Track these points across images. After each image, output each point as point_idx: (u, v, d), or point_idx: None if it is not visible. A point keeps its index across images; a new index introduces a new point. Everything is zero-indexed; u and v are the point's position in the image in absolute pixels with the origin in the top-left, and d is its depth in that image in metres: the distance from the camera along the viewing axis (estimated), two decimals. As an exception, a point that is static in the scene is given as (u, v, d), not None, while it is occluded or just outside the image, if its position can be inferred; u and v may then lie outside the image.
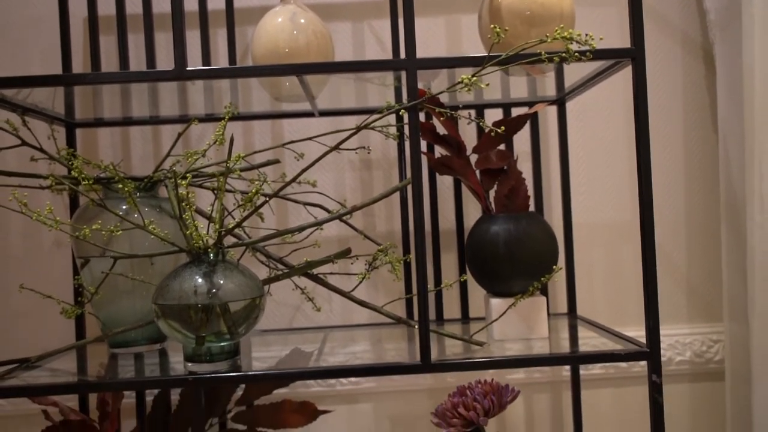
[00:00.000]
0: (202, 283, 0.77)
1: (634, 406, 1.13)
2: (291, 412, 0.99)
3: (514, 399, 0.87)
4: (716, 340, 1.13)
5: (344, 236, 1.10)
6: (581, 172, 1.14)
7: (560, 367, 1.12)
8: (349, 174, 1.13)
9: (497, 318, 0.85)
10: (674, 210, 1.14)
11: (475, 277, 0.91)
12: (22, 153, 0.92)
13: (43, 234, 1.11)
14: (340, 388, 1.11)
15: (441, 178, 1.10)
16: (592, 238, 1.13)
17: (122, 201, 0.88)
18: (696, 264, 1.14)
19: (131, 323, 0.88)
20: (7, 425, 1.10)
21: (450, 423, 0.85)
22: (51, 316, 1.09)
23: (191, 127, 1.09)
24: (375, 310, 0.89)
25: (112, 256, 0.85)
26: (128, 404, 1.06)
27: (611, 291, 1.13)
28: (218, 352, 0.80)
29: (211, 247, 0.79)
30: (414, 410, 1.12)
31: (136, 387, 0.93)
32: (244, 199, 0.80)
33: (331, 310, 1.12)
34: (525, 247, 0.86)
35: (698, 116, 1.14)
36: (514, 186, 0.92)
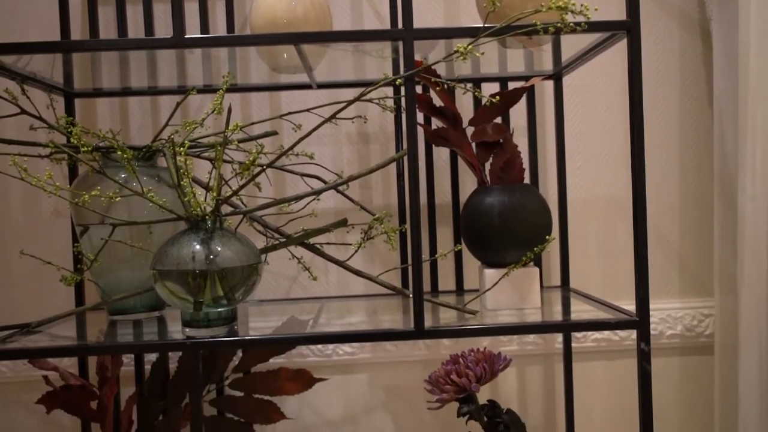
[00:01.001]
0: (199, 249, 0.78)
1: (625, 379, 1.15)
2: (287, 379, 1.01)
3: (506, 367, 0.89)
4: (707, 314, 1.14)
5: (341, 209, 1.11)
6: (577, 148, 1.15)
7: (552, 339, 1.14)
8: (347, 147, 1.14)
9: (490, 287, 0.86)
10: (668, 186, 1.15)
11: (470, 248, 0.93)
12: (21, 123, 0.93)
13: (43, 204, 1.12)
14: (336, 359, 1.13)
15: (437, 152, 1.11)
16: (587, 213, 1.15)
17: (121, 170, 0.89)
18: (688, 240, 1.15)
19: (130, 291, 0.89)
20: (8, 391, 1.12)
21: (443, 389, 0.87)
22: (50, 285, 1.10)
23: (189, 99, 1.10)
24: (370, 279, 0.91)
25: (111, 223, 0.86)
26: (127, 371, 1.08)
27: (605, 265, 1.15)
28: (216, 317, 0.81)
29: (208, 215, 0.80)
30: (408, 381, 1.14)
31: (134, 350, 0.94)
32: (242, 168, 0.81)
33: (328, 281, 1.14)
34: (519, 218, 0.87)
35: (694, 92, 1.15)
36: (510, 159, 0.93)
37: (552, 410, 1.15)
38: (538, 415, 1.15)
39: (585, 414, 1.14)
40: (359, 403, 1.14)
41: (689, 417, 1.16)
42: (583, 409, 1.14)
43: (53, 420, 1.12)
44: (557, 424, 1.15)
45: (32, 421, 1.12)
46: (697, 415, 1.16)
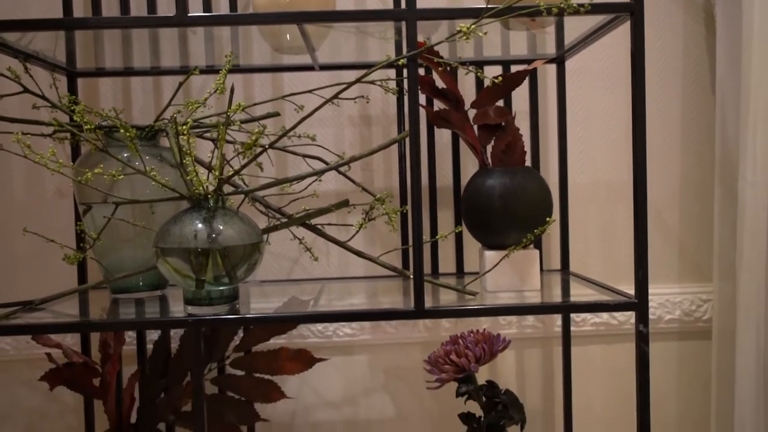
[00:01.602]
0: (202, 228, 0.79)
1: (623, 363, 1.16)
2: (288, 359, 1.01)
3: (505, 348, 0.89)
4: (705, 299, 1.15)
5: (342, 191, 1.12)
6: (578, 133, 1.15)
7: (551, 322, 1.14)
8: (349, 130, 1.14)
9: (490, 269, 0.87)
10: (669, 171, 1.15)
11: (470, 230, 0.93)
12: (24, 102, 0.93)
13: (46, 184, 1.13)
14: (336, 340, 1.13)
15: (439, 135, 1.11)
16: (588, 198, 1.15)
17: (124, 149, 0.89)
18: (688, 225, 1.16)
19: (133, 271, 0.90)
20: (12, 369, 1.13)
21: (442, 369, 0.88)
22: (53, 264, 1.11)
23: (192, 80, 1.10)
24: (371, 260, 0.91)
25: (114, 202, 0.86)
26: (129, 350, 1.08)
27: (605, 250, 1.15)
28: (217, 296, 0.82)
29: (211, 194, 0.81)
30: (408, 362, 1.15)
31: (137, 327, 0.95)
32: (244, 147, 0.81)
33: (329, 263, 1.14)
34: (520, 201, 0.87)
35: (697, 78, 1.15)
36: (511, 142, 0.93)
37: (550, 392, 1.16)
38: (536, 397, 1.16)
39: (582, 397, 1.15)
40: (359, 384, 1.15)
41: (686, 400, 1.17)
42: (581, 392, 1.15)
43: (56, 397, 1.13)
44: (555, 407, 1.16)
45: (35, 399, 1.13)
46: (694, 399, 1.17)
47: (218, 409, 1.02)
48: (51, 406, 1.13)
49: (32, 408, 1.13)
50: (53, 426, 1.14)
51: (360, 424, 1.15)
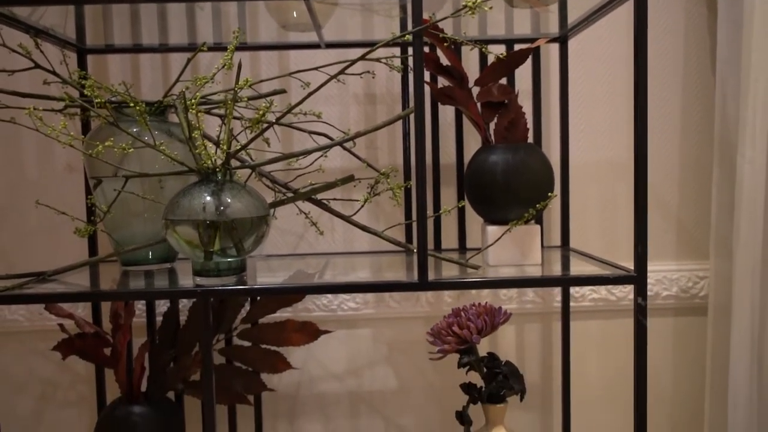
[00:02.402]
0: (210, 200, 0.80)
1: (620, 338, 1.18)
2: (293, 331, 1.04)
3: (506, 320, 0.92)
4: (702, 276, 1.17)
5: (347, 168, 1.13)
6: (580, 111, 1.16)
7: (551, 298, 1.17)
8: (354, 108, 1.16)
9: (492, 243, 0.89)
10: (668, 150, 1.17)
11: (473, 206, 0.95)
12: (35, 78, 0.94)
13: (56, 159, 1.15)
14: (340, 314, 1.16)
15: (443, 114, 1.13)
16: (588, 176, 1.17)
17: (133, 124, 0.91)
18: (686, 204, 1.18)
19: (142, 244, 0.92)
20: (25, 340, 1.16)
21: (444, 341, 0.90)
22: (64, 239, 1.13)
23: (200, 58, 1.12)
24: (375, 234, 0.93)
25: (124, 176, 0.88)
26: (139, 322, 1.11)
27: (604, 228, 1.17)
28: (225, 267, 0.84)
29: (219, 167, 0.83)
30: (410, 336, 1.17)
31: (146, 297, 0.97)
32: (252, 121, 0.83)
33: (333, 239, 1.16)
34: (522, 177, 0.89)
35: (698, 59, 1.16)
36: (514, 119, 0.94)
37: (548, 366, 1.19)
38: (535, 370, 1.19)
39: (580, 370, 1.18)
40: (363, 356, 1.18)
41: (681, 374, 1.19)
42: (579, 365, 1.17)
43: (68, 367, 1.16)
44: (553, 380, 1.19)
45: (48, 369, 1.16)
46: (688, 373, 1.19)
47: (226, 379, 1.05)
48: (63, 375, 1.16)
49: (45, 377, 1.16)
50: (65, 395, 1.17)
51: (363, 396, 1.18)
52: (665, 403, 1.19)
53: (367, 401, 1.18)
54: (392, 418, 1.19)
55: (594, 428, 1.19)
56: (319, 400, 1.18)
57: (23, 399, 1.17)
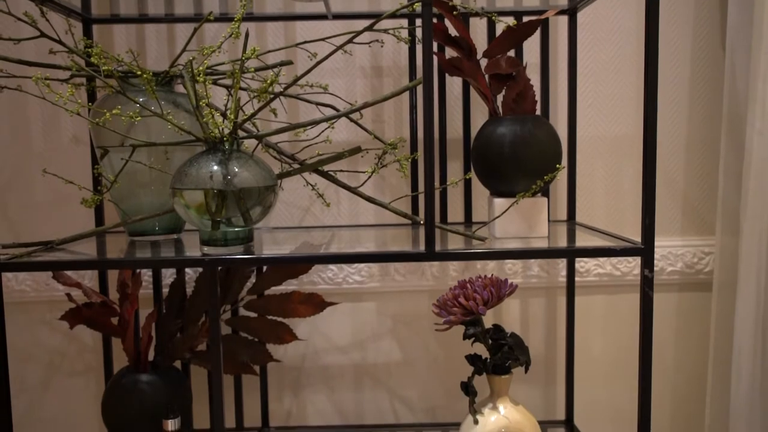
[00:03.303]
0: (217, 169, 0.80)
1: (624, 313, 1.19)
2: (299, 302, 1.04)
3: (512, 292, 0.92)
4: (707, 252, 1.17)
5: (353, 141, 1.13)
6: (588, 85, 1.16)
7: (556, 272, 1.17)
8: (360, 81, 1.15)
9: (499, 215, 0.89)
10: (676, 127, 1.16)
11: (480, 178, 0.95)
12: (40, 48, 0.94)
13: (62, 131, 1.14)
14: (345, 287, 1.16)
15: (450, 87, 1.12)
16: (594, 151, 1.16)
17: (139, 94, 0.91)
18: (693, 179, 1.17)
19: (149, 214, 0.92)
20: (32, 310, 1.16)
21: (450, 312, 0.90)
22: (70, 211, 1.14)
23: (206, 29, 1.11)
24: (382, 205, 0.93)
25: (131, 145, 0.88)
26: (145, 294, 1.12)
27: (609, 203, 1.17)
28: (233, 237, 0.84)
29: (226, 137, 0.82)
30: (415, 310, 1.18)
31: (153, 265, 0.97)
32: (260, 90, 0.82)
33: (339, 212, 1.16)
34: (530, 149, 0.89)
35: (707, 33, 1.15)
36: (522, 91, 0.94)
37: (552, 340, 1.19)
38: (539, 344, 1.19)
39: (584, 344, 1.18)
40: (367, 329, 1.19)
41: (684, 348, 1.20)
42: (583, 339, 1.18)
43: (75, 337, 1.17)
44: (557, 353, 1.19)
45: (55, 339, 1.17)
46: (691, 347, 1.20)
47: (232, 349, 1.06)
48: (70, 345, 1.17)
49: (52, 348, 1.17)
50: (73, 364, 1.18)
51: (368, 368, 1.19)
52: (668, 378, 1.20)
53: (371, 373, 1.19)
54: (396, 390, 1.20)
55: (597, 402, 1.20)
56: (323, 372, 1.19)
57: (31, 368, 1.18)
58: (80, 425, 1.19)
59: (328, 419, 1.20)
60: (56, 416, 1.19)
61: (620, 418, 1.20)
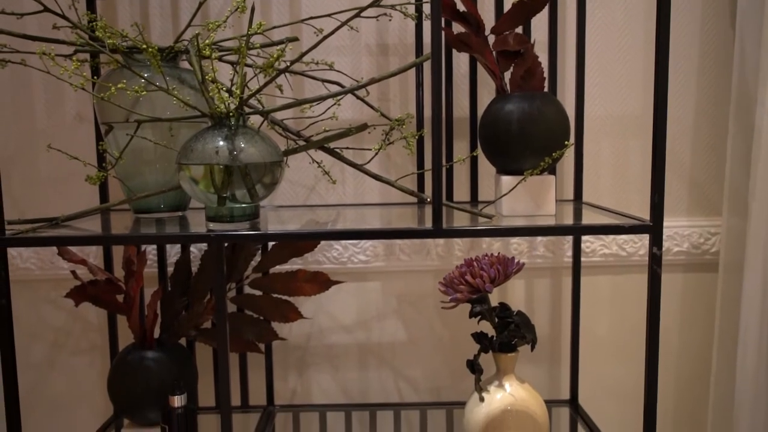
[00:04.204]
0: (223, 145, 0.80)
1: (629, 293, 1.19)
2: (305, 281, 1.04)
3: (519, 270, 0.92)
4: (714, 233, 1.17)
5: (359, 120, 1.12)
6: (595, 64, 1.14)
7: (561, 252, 1.17)
8: (366, 59, 1.14)
9: (507, 193, 0.88)
10: (684, 107, 1.15)
11: (487, 156, 0.94)
12: (43, 23, 0.92)
13: (66, 108, 1.13)
14: (350, 266, 1.16)
15: (456, 65, 1.11)
16: (601, 131, 1.16)
17: (144, 69, 0.90)
18: (700, 160, 1.17)
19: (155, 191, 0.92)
20: (37, 288, 1.16)
21: (457, 290, 0.90)
22: (74, 188, 1.13)
23: (209, 6, 1.10)
24: (388, 183, 0.93)
25: (136, 120, 0.87)
26: (150, 273, 1.12)
27: (616, 183, 1.17)
28: (240, 213, 0.84)
29: (232, 112, 0.82)
30: (420, 289, 1.18)
31: (159, 241, 0.96)
32: (266, 64, 0.82)
33: (344, 191, 1.16)
34: (538, 126, 0.88)
35: (716, 13, 1.13)
36: (530, 68, 0.93)
37: (557, 320, 1.19)
38: (544, 324, 1.19)
39: (589, 325, 1.18)
40: (372, 309, 1.18)
41: (689, 328, 1.20)
42: (588, 320, 1.18)
43: (80, 316, 1.17)
44: (562, 334, 1.19)
45: (60, 317, 1.17)
46: (696, 327, 1.20)
47: (237, 327, 1.06)
48: (75, 323, 1.17)
49: (57, 326, 1.17)
50: (78, 343, 1.18)
51: (372, 348, 1.19)
52: (672, 358, 1.20)
53: (376, 353, 1.19)
54: (401, 369, 1.20)
55: (601, 382, 1.20)
56: (328, 351, 1.19)
57: (37, 347, 1.18)
58: (85, 403, 1.19)
59: (332, 398, 1.20)
60: (62, 394, 1.19)
61: (624, 398, 1.21)
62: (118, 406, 0.99)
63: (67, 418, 1.19)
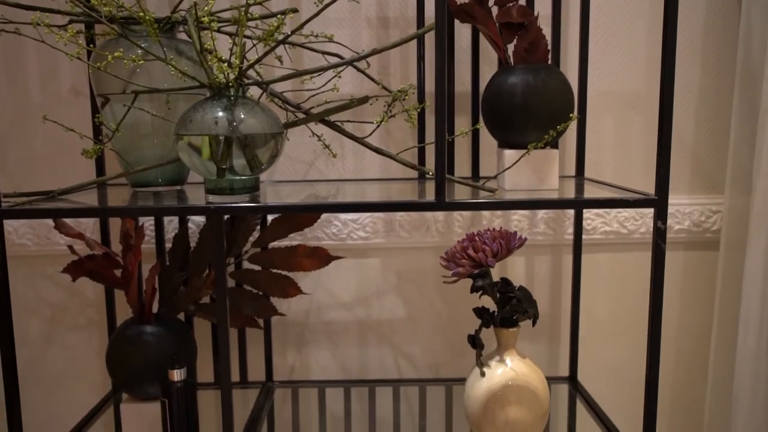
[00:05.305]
0: (223, 115, 0.78)
1: (629, 271, 1.18)
2: (304, 256, 1.03)
3: (521, 245, 0.91)
4: (715, 210, 1.16)
5: (359, 94, 1.10)
6: (599, 39, 1.13)
7: (562, 230, 1.16)
8: (366, 32, 1.12)
9: (510, 166, 0.87)
10: (687, 83, 1.14)
11: (490, 129, 0.93)
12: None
13: (61, 81, 1.12)
14: (350, 243, 1.15)
15: (458, 40, 1.10)
16: (603, 107, 1.14)
17: (141, 40, 0.88)
18: (702, 137, 1.16)
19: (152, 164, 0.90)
20: (33, 264, 1.15)
21: (459, 264, 0.90)
22: (69, 163, 1.12)
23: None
24: (390, 156, 0.92)
25: (134, 91, 0.86)
26: (148, 249, 1.10)
27: (618, 159, 1.16)
28: (240, 186, 0.82)
29: (232, 82, 0.80)
30: (419, 266, 1.17)
31: (158, 213, 0.95)
32: (266, 33, 0.80)
33: (344, 167, 1.15)
34: (542, 98, 0.87)
35: (723, -15, 1.12)
36: (534, 40, 0.91)
37: (557, 298, 1.19)
38: (544, 302, 1.19)
39: (589, 303, 1.18)
40: (371, 286, 1.18)
41: (689, 307, 1.20)
42: (587, 297, 1.18)
43: (77, 291, 1.16)
44: (562, 312, 1.19)
45: (57, 293, 1.16)
46: (696, 305, 1.20)
47: (236, 302, 1.05)
48: (72, 299, 1.16)
49: (54, 302, 1.16)
50: (75, 319, 1.17)
51: (371, 324, 1.19)
52: (671, 335, 1.20)
53: (375, 330, 1.19)
54: (400, 346, 1.20)
55: (600, 359, 1.20)
56: (327, 328, 1.19)
57: (33, 323, 1.17)
58: (83, 379, 1.18)
59: (331, 374, 1.20)
60: (59, 370, 1.18)
61: (622, 375, 1.21)
62: (117, 381, 0.99)
63: (66, 394, 1.19)
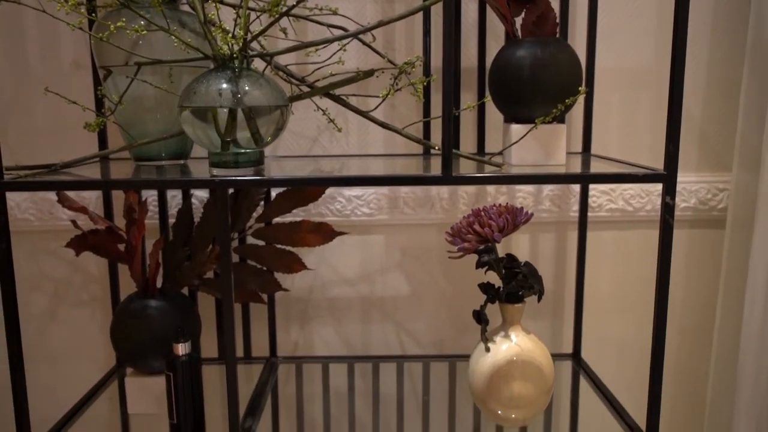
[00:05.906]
0: (227, 87, 0.77)
1: (635, 249, 1.18)
2: (308, 231, 1.03)
3: (528, 220, 0.90)
4: (722, 188, 1.15)
5: (364, 68, 1.09)
6: (607, 14, 1.11)
7: (567, 207, 1.15)
8: (371, 5, 1.11)
9: (517, 141, 0.86)
10: (695, 60, 1.13)
11: (496, 103, 0.92)
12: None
13: (62, 55, 1.10)
14: (354, 219, 1.15)
15: (465, 14, 1.08)
16: (611, 84, 1.13)
17: (143, 11, 0.87)
18: (710, 115, 1.15)
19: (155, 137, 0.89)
20: (36, 239, 1.15)
21: (465, 239, 0.89)
22: (71, 138, 1.11)
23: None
24: (395, 131, 0.90)
25: (137, 63, 0.85)
26: (151, 224, 1.10)
27: (625, 136, 1.15)
28: (244, 159, 0.81)
29: (236, 53, 0.79)
30: (423, 243, 1.17)
31: (162, 186, 0.94)
32: (271, 3, 0.79)
33: (348, 143, 1.14)
34: (550, 72, 0.85)
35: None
36: (543, 13, 0.90)
37: (562, 275, 1.19)
38: (549, 279, 1.19)
39: (593, 279, 1.18)
40: (375, 262, 1.17)
41: (693, 285, 1.20)
42: (592, 275, 1.17)
43: (80, 267, 1.15)
44: (566, 289, 1.19)
45: (60, 269, 1.16)
46: (701, 284, 1.19)
47: (240, 277, 1.05)
48: (76, 275, 1.16)
49: (58, 278, 1.16)
50: (78, 294, 1.17)
51: (375, 301, 1.19)
52: (676, 312, 1.20)
53: (378, 306, 1.19)
54: (403, 323, 1.20)
55: (604, 336, 1.20)
56: (331, 304, 1.19)
57: (37, 298, 1.17)
58: (87, 354, 1.19)
59: (334, 350, 1.20)
60: (63, 345, 1.19)
61: (626, 352, 1.21)
62: (122, 355, 0.99)
63: (70, 369, 1.19)
